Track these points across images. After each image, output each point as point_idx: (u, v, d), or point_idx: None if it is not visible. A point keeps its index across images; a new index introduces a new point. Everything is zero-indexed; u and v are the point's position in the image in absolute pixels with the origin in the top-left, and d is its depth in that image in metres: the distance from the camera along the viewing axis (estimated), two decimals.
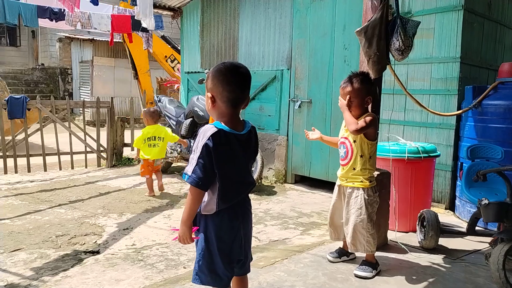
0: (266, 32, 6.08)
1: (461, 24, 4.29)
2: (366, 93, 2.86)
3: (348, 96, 2.85)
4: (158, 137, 5.18)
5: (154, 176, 5.31)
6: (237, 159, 1.85)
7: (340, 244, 3.18)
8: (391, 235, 3.51)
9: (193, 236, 1.89)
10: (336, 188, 3.06)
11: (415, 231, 3.58)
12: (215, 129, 1.78)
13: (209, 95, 1.84)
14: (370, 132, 2.86)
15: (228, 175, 1.83)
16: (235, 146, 1.83)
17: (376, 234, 2.96)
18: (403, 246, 3.35)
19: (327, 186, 5.27)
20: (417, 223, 3.49)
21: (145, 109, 5.45)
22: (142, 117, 5.55)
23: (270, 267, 2.97)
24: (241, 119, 1.92)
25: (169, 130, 5.34)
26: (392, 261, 3.13)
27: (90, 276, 2.89)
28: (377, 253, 3.01)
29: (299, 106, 5.64)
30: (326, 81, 5.35)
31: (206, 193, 1.84)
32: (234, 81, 1.80)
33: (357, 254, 3.12)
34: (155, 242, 3.55)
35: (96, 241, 3.57)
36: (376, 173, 3.06)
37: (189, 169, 1.79)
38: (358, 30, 3.03)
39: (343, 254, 3.09)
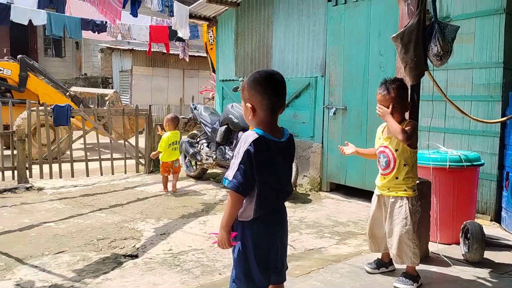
0: (300, 39, 6.09)
1: (503, 28, 4.14)
2: (406, 99, 2.83)
3: (392, 103, 2.78)
4: (177, 141, 5.85)
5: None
6: (276, 166, 1.87)
7: (378, 255, 3.11)
8: (433, 247, 3.40)
9: (232, 241, 1.89)
10: (375, 198, 2.99)
11: (458, 243, 3.46)
12: (257, 135, 1.80)
13: (249, 105, 1.86)
14: (413, 141, 2.81)
15: (268, 182, 1.84)
16: (275, 153, 1.85)
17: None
18: (445, 258, 3.24)
19: (364, 194, 5.19)
20: (460, 235, 3.36)
21: (167, 115, 5.97)
22: (165, 123, 5.92)
23: (305, 277, 2.95)
24: (280, 126, 1.94)
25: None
26: (434, 274, 3.03)
27: (129, 279, 2.97)
28: (419, 266, 2.92)
29: (334, 113, 5.59)
30: (361, 88, 5.29)
31: (244, 199, 1.84)
32: (271, 89, 1.82)
33: (397, 266, 3.04)
34: (191, 248, 3.60)
35: (134, 245, 3.67)
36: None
37: (230, 174, 1.81)
38: (394, 36, 2.99)
39: (381, 265, 3.02)
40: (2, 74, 8.73)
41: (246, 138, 1.80)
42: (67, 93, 9.17)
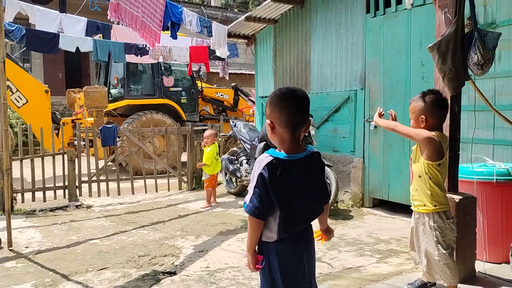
0: (338, 52, 6.03)
1: None
2: (438, 112, 2.73)
3: (421, 114, 2.79)
4: (217, 153, 6.22)
5: None
6: (297, 188, 1.81)
7: (420, 274, 2.96)
8: (480, 266, 3.19)
9: (258, 265, 1.88)
10: (413, 211, 2.93)
11: (508, 262, 3.21)
12: (270, 158, 1.77)
13: (268, 121, 1.83)
14: (426, 151, 2.72)
15: (288, 204, 1.79)
16: (294, 173, 1.80)
17: (462, 265, 2.73)
18: (493, 278, 3.03)
19: (410, 210, 4.92)
20: (510, 253, 3.13)
21: (206, 131, 6.34)
22: (204, 138, 6.24)
23: None
24: (304, 145, 1.91)
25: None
26: None
27: None
28: (464, 286, 2.77)
29: (375, 127, 5.45)
30: (403, 100, 5.13)
31: (263, 222, 1.83)
32: (290, 105, 1.78)
33: (440, 286, 2.87)
34: (227, 265, 3.61)
35: (173, 262, 3.73)
36: (457, 197, 2.84)
37: (247, 198, 1.82)
38: (430, 46, 2.89)
39: (422, 286, 2.87)
40: (221, 97, 10.98)
41: (260, 162, 1.78)
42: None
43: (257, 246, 1.89)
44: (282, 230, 1.80)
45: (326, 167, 5.18)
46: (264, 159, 1.78)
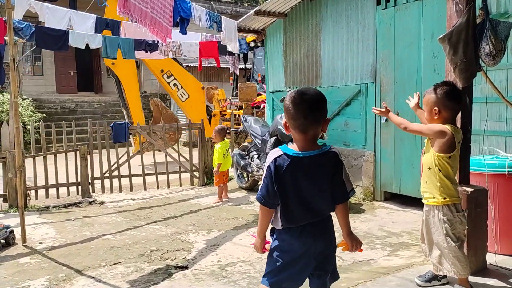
0: (349, 46, 5.98)
1: None
2: (451, 104, 2.68)
3: (434, 106, 2.76)
4: (228, 149, 6.21)
5: None
6: (302, 182, 1.88)
7: (431, 266, 2.94)
8: (491, 258, 3.15)
9: (266, 247, 2.03)
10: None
11: None
12: (280, 153, 1.88)
13: (283, 122, 1.95)
14: (438, 144, 2.70)
15: (290, 198, 1.89)
16: (301, 169, 1.87)
17: (473, 257, 2.70)
18: (505, 270, 2.99)
19: (421, 204, 4.91)
20: None
21: (216, 127, 6.36)
22: (213, 135, 6.34)
23: None
24: (321, 143, 1.94)
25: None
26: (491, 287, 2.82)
27: None
28: (475, 278, 2.74)
29: (386, 120, 5.40)
30: (414, 92, 5.06)
31: (272, 211, 1.95)
32: (297, 109, 1.84)
33: (451, 278, 2.85)
34: (239, 260, 3.62)
35: (185, 257, 3.76)
36: (469, 189, 2.81)
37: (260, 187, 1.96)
38: (441, 37, 2.85)
39: (433, 278, 2.86)
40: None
41: (271, 155, 1.90)
42: None
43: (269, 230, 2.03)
44: (284, 221, 1.93)
45: None
46: (275, 152, 1.91)
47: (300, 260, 1.94)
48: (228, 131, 7.19)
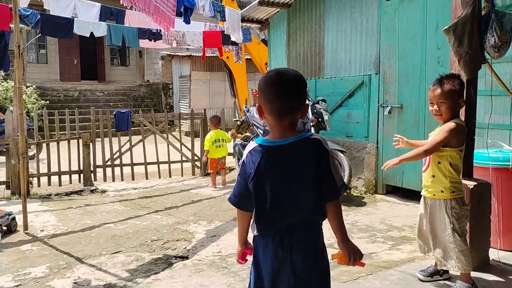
0: (352, 37, 5.93)
1: None
2: (458, 95, 2.64)
3: (440, 99, 2.67)
4: (222, 139, 6.46)
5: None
6: (276, 176, 1.60)
7: (432, 261, 2.93)
8: (494, 254, 3.14)
9: (241, 259, 1.81)
10: (422, 198, 2.88)
11: None
12: (254, 145, 1.65)
13: (257, 106, 1.68)
14: (453, 141, 2.65)
15: (263, 194, 1.62)
16: (276, 161, 1.61)
17: (475, 252, 2.69)
18: (508, 266, 2.98)
19: None
20: None
21: (211, 116, 6.69)
22: (209, 123, 6.70)
23: (353, 283, 2.85)
24: (300, 131, 1.66)
25: (227, 133, 6.68)
26: (494, 283, 2.80)
27: (177, 280, 3.05)
28: (476, 274, 2.72)
29: (389, 112, 5.37)
30: (418, 85, 5.03)
31: (247, 213, 1.73)
32: (275, 90, 1.59)
33: (453, 273, 2.84)
34: None
35: (186, 247, 3.77)
36: (472, 183, 2.79)
37: None
38: (446, 28, 2.81)
39: (435, 273, 2.84)
40: None
41: (246, 149, 1.68)
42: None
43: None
44: (258, 224, 1.64)
45: (339, 152, 5.12)
46: (250, 146, 1.67)
47: (275, 279, 1.62)
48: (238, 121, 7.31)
